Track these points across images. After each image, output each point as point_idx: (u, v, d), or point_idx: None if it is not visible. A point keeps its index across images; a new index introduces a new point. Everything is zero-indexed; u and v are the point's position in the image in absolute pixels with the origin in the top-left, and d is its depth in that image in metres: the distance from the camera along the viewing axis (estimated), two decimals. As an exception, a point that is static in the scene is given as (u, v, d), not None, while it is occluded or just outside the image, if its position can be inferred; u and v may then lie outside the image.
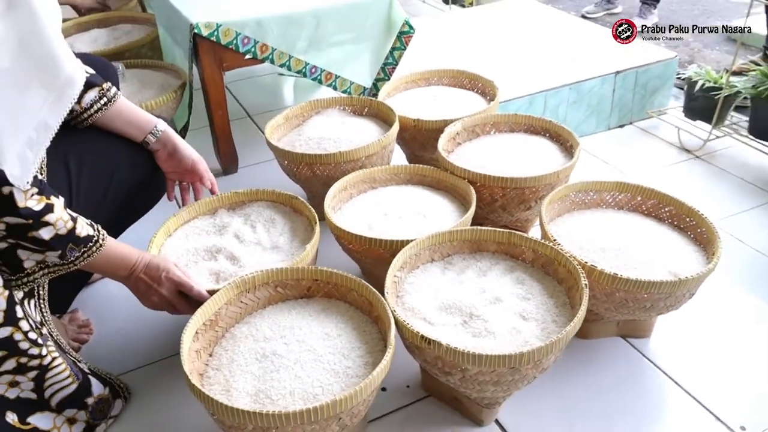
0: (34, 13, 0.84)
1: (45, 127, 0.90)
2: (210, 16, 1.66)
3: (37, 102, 0.88)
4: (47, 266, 1.00)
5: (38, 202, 0.92)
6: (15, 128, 0.85)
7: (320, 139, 1.59)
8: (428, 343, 0.98)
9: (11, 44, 0.82)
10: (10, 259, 0.96)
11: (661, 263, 1.19)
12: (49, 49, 0.87)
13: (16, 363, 0.98)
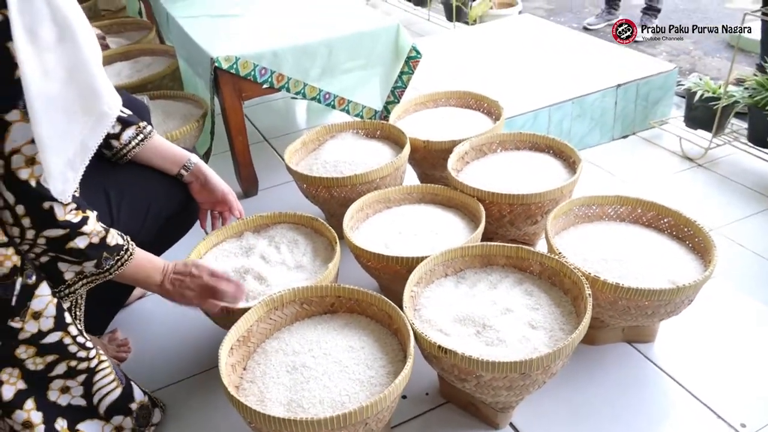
0: (79, 48, 0.93)
1: (84, 149, 0.99)
2: (229, 49, 1.77)
3: (78, 126, 0.96)
4: (85, 276, 1.08)
5: (75, 215, 1.01)
6: (60, 149, 0.94)
7: (336, 162, 1.69)
8: (445, 352, 1.07)
9: (60, 74, 0.91)
10: (52, 272, 1.05)
11: (661, 272, 1.27)
12: (91, 79, 0.96)
13: (66, 366, 1.07)
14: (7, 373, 1.03)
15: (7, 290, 0.99)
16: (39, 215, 0.96)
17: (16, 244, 0.99)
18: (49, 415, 1.08)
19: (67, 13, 0.91)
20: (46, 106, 0.90)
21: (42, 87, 0.89)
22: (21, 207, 0.95)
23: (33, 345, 1.04)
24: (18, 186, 0.93)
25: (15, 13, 0.85)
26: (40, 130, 0.90)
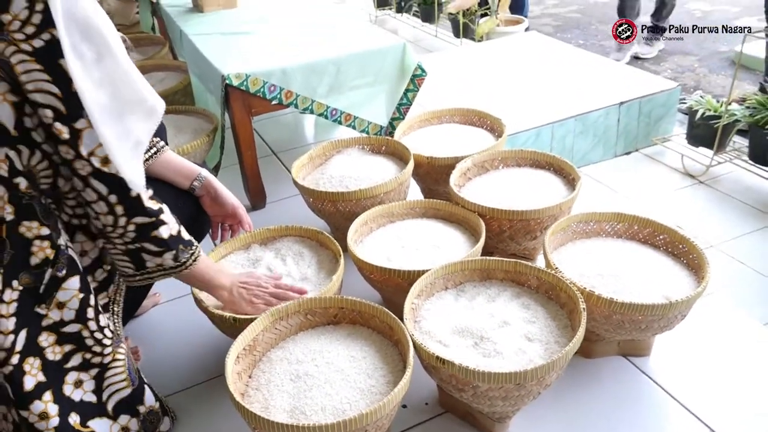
0: (118, 62, 1.02)
1: (139, 144, 1.08)
2: (239, 67, 1.83)
3: (131, 126, 1.05)
4: (164, 269, 1.18)
5: (154, 203, 1.12)
6: (121, 147, 1.04)
7: (342, 177, 1.74)
8: (443, 362, 1.11)
9: (107, 86, 1.00)
10: (136, 259, 1.15)
11: (656, 287, 1.31)
12: (134, 86, 1.05)
13: (81, 358, 1.13)
14: (29, 363, 1.09)
15: (38, 278, 1.07)
16: (129, 202, 1.08)
17: (100, 231, 1.12)
18: (63, 409, 1.13)
19: (104, 31, 0.99)
20: (101, 113, 1.00)
21: (95, 97, 0.99)
22: (114, 196, 1.07)
23: (54, 332, 1.11)
24: (107, 178, 1.05)
25: (63, 33, 0.94)
26: (102, 134, 1.00)
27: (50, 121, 0.99)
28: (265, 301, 1.31)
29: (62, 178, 1.10)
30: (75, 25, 0.95)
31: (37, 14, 0.93)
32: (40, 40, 0.94)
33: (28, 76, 0.96)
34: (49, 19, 0.93)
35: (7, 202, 1.03)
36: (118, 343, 1.20)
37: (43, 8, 0.93)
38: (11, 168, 1.02)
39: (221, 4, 2.41)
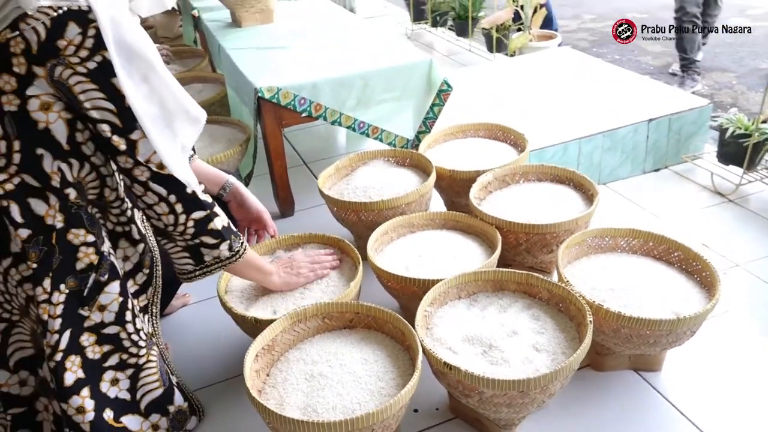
0: (162, 78, 1.10)
1: (184, 148, 1.17)
2: (271, 81, 1.92)
3: (178, 133, 1.14)
4: (221, 260, 1.28)
5: (207, 197, 1.23)
6: (172, 152, 1.13)
7: (366, 188, 1.80)
8: (450, 368, 1.15)
9: (155, 99, 1.09)
10: (194, 255, 1.25)
11: (666, 303, 1.33)
12: (178, 98, 1.13)
13: (118, 358, 1.22)
14: (71, 360, 1.17)
15: (82, 282, 1.16)
16: (186, 199, 1.19)
17: (162, 231, 1.22)
18: (99, 405, 1.21)
19: (147, 51, 1.07)
20: (152, 124, 1.09)
21: (146, 110, 1.08)
22: (173, 196, 1.17)
23: (94, 333, 1.19)
24: (165, 180, 1.15)
25: (114, 55, 1.03)
26: (155, 142, 1.09)
27: (108, 135, 1.08)
28: (310, 269, 1.47)
29: (108, 188, 1.19)
30: (122, 47, 1.04)
31: (89, 39, 1.02)
32: (93, 62, 1.03)
33: (86, 96, 1.05)
34: (101, 42, 1.02)
35: (58, 211, 1.12)
36: (152, 345, 1.28)
37: (94, 33, 1.02)
38: (62, 179, 1.11)
39: (258, 19, 2.51)
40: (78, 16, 1.01)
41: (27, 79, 1.04)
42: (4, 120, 1.06)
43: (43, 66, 1.03)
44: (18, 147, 1.08)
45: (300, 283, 1.46)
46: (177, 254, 1.26)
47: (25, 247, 1.12)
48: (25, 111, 1.06)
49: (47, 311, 1.15)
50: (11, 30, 1.02)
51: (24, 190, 1.10)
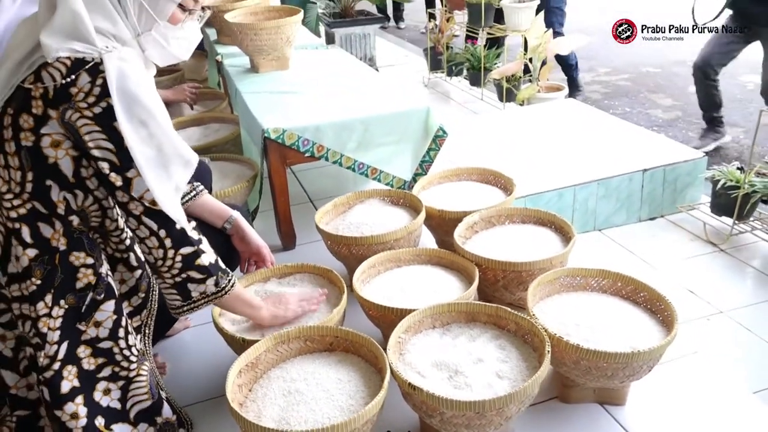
0: (160, 124, 1.24)
1: (177, 188, 1.30)
2: (278, 122, 2.08)
3: (171, 174, 1.27)
4: (207, 296, 1.37)
5: (195, 233, 1.33)
6: (165, 190, 1.26)
7: (359, 224, 1.93)
8: (414, 389, 1.25)
9: (153, 143, 1.23)
10: (183, 291, 1.34)
11: (626, 339, 1.41)
12: (173, 143, 1.27)
13: (111, 371, 1.33)
14: (68, 370, 1.29)
15: (81, 300, 1.29)
16: (175, 235, 1.29)
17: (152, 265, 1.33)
18: (91, 412, 1.32)
19: (148, 100, 1.22)
20: (147, 164, 1.22)
21: (142, 152, 1.22)
22: (163, 231, 1.28)
23: (90, 346, 1.31)
24: (156, 215, 1.26)
25: (116, 102, 1.18)
26: (149, 181, 1.22)
27: (107, 172, 1.22)
28: (298, 304, 1.55)
29: (109, 219, 1.32)
30: (125, 95, 1.19)
31: (97, 87, 1.17)
32: (98, 107, 1.18)
33: (90, 136, 1.19)
34: (106, 91, 1.17)
35: (62, 235, 1.26)
36: (143, 361, 1.39)
37: (102, 83, 1.17)
38: (67, 208, 1.26)
39: (275, 66, 2.70)
40: (90, 67, 1.17)
41: (42, 119, 1.19)
42: (21, 153, 1.22)
43: (56, 109, 1.18)
44: (31, 177, 1.23)
45: (288, 318, 1.53)
46: (166, 290, 1.36)
47: (31, 264, 1.25)
48: (38, 147, 1.21)
49: (47, 324, 1.27)
50: (34, 76, 1.18)
51: (34, 214, 1.24)
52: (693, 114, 4.50)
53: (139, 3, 1.24)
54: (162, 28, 1.29)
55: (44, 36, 1.17)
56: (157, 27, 1.28)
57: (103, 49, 1.19)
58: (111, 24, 1.22)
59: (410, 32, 7.61)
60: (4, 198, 1.24)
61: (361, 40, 4.69)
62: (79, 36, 1.18)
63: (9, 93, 1.23)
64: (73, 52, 1.17)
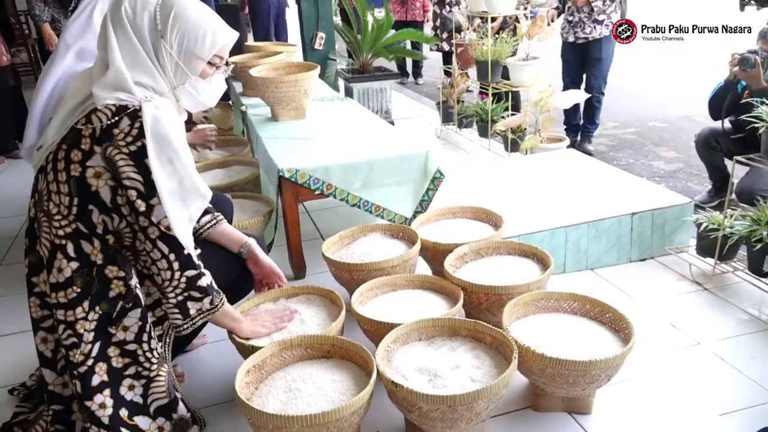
0: (183, 163, 1.49)
1: (191, 219, 1.53)
2: (291, 163, 2.34)
3: (188, 205, 1.51)
4: (203, 312, 1.58)
5: (198, 260, 1.55)
6: (180, 218, 1.49)
7: (361, 253, 2.15)
8: (396, 386, 1.45)
9: (175, 178, 1.48)
10: (183, 309, 1.55)
11: (588, 352, 1.59)
12: (193, 179, 1.51)
13: (135, 370, 1.55)
14: (99, 366, 1.52)
15: (112, 307, 1.52)
16: (183, 259, 1.51)
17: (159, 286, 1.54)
18: (117, 404, 1.54)
19: (175, 143, 1.48)
20: (168, 195, 1.47)
21: (166, 185, 1.46)
22: (173, 255, 1.49)
23: (118, 347, 1.53)
24: (169, 240, 1.48)
25: (149, 142, 1.44)
26: (168, 209, 1.46)
27: (134, 198, 1.46)
28: (272, 321, 1.77)
29: (138, 240, 1.54)
30: (157, 137, 1.44)
31: (135, 129, 1.43)
32: (134, 146, 1.43)
33: (124, 168, 1.44)
34: (142, 132, 1.43)
35: (99, 251, 1.50)
36: (163, 364, 1.61)
37: (139, 126, 1.43)
38: (105, 228, 1.50)
39: (293, 115, 2.99)
40: (130, 113, 1.44)
41: (89, 154, 1.45)
42: (70, 182, 1.47)
43: (100, 145, 1.44)
44: (76, 202, 1.48)
45: (263, 333, 1.74)
46: (169, 309, 1.56)
47: (73, 275, 1.49)
48: (84, 177, 1.46)
49: (83, 326, 1.50)
50: (85, 119, 1.45)
51: (77, 233, 1.49)
52: (694, 166, 4.70)
53: (175, 62, 1.51)
54: (194, 81, 1.56)
55: (96, 88, 1.45)
56: (190, 81, 1.55)
57: (142, 99, 1.46)
58: (152, 79, 1.49)
59: (428, 87, 7.99)
60: (54, 218, 1.49)
61: (378, 94, 5.00)
62: (123, 88, 1.45)
63: (64, 132, 1.49)
64: (118, 100, 1.44)
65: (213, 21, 1.55)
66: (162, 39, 1.48)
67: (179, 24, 1.49)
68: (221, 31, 1.55)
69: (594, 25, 4.58)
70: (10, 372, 2.03)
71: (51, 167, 1.49)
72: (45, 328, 1.61)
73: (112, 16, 1.48)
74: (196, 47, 1.51)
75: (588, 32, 4.61)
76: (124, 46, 1.46)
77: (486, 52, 4.24)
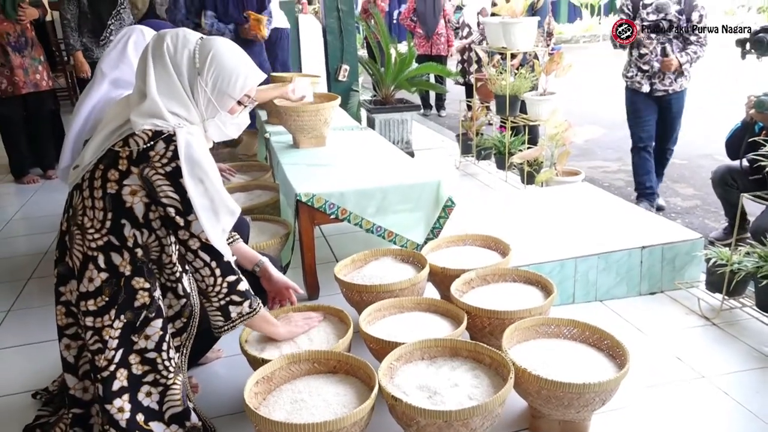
0: (213, 183, 1.62)
1: (224, 230, 1.66)
2: (308, 188, 2.45)
3: (220, 219, 1.63)
4: (242, 316, 1.69)
5: (236, 267, 1.68)
6: (215, 231, 1.62)
7: (372, 276, 2.24)
8: (395, 400, 1.52)
9: (207, 196, 1.60)
10: (225, 313, 1.67)
11: (584, 376, 1.65)
12: (223, 197, 1.64)
13: (153, 378, 1.64)
14: (120, 372, 1.62)
15: (136, 316, 1.62)
16: (224, 266, 1.64)
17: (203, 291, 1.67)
18: (134, 409, 1.63)
19: (205, 164, 1.60)
20: (203, 211, 1.59)
21: (201, 202, 1.59)
22: (214, 262, 1.63)
23: (139, 355, 1.63)
24: (210, 250, 1.62)
25: (183, 164, 1.56)
26: (204, 223, 1.59)
27: (173, 215, 1.58)
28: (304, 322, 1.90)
29: (165, 254, 1.66)
30: (189, 159, 1.57)
31: (170, 152, 1.56)
32: (170, 167, 1.56)
33: (161, 188, 1.57)
34: (176, 155, 1.56)
35: (128, 263, 1.62)
36: (178, 373, 1.70)
37: (173, 149, 1.56)
38: (135, 242, 1.62)
39: (313, 143, 3.11)
40: (165, 137, 1.56)
41: (125, 174, 1.58)
42: (105, 199, 1.59)
43: (137, 166, 1.57)
44: (110, 217, 1.60)
45: (298, 333, 1.87)
46: (212, 312, 1.69)
47: (102, 285, 1.61)
48: (119, 194, 1.58)
49: (109, 333, 1.61)
50: (123, 142, 1.58)
51: (109, 246, 1.61)
52: (711, 203, 4.71)
53: (207, 97, 1.64)
54: (222, 116, 1.69)
55: (133, 115, 1.58)
56: (219, 115, 1.69)
57: (176, 125, 1.58)
58: (185, 110, 1.63)
59: (450, 120, 8.12)
60: (87, 231, 1.61)
61: (399, 125, 5.14)
62: (158, 116, 1.58)
63: (101, 154, 1.62)
64: (154, 126, 1.57)
65: (246, 65, 1.69)
66: (199, 76, 1.62)
67: (216, 65, 1.63)
68: (252, 75, 1.70)
69: (673, 77, 4.07)
70: (35, 377, 2.14)
71: (87, 185, 1.62)
72: (69, 335, 1.72)
73: (154, 51, 1.62)
74: (229, 87, 1.65)
75: (668, 84, 4.09)
76: (162, 78, 1.60)
77: (505, 86, 4.35)
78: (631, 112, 4.32)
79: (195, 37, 1.65)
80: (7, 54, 4.47)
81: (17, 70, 4.51)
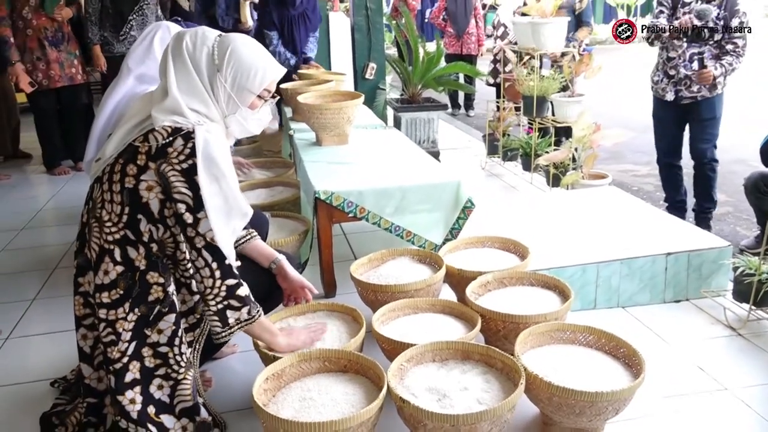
0: (228, 183, 1.62)
1: (234, 232, 1.66)
2: (327, 186, 2.45)
3: (231, 220, 1.63)
4: (240, 322, 1.67)
5: (237, 272, 1.66)
6: (223, 231, 1.61)
7: (388, 276, 2.23)
8: (403, 402, 1.51)
9: (221, 196, 1.60)
10: (223, 318, 1.65)
11: (597, 384, 1.62)
12: (236, 198, 1.64)
13: (165, 371, 1.66)
14: (133, 364, 1.64)
15: (150, 310, 1.64)
16: (225, 268, 1.62)
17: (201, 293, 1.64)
18: (145, 401, 1.65)
19: (222, 164, 1.60)
20: (215, 211, 1.60)
21: (213, 201, 1.60)
22: (215, 263, 1.61)
23: (152, 348, 1.65)
24: (213, 250, 1.60)
25: (200, 161, 1.57)
26: (213, 223, 1.58)
27: (183, 211, 1.59)
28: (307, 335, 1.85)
29: (179, 250, 1.66)
30: (206, 157, 1.58)
31: (187, 149, 1.57)
32: (186, 164, 1.57)
33: (175, 184, 1.57)
34: (194, 152, 1.57)
35: (143, 258, 1.63)
36: (189, 369, 1.71)
37: (191, 146, 1.57)
38: (150, 237, 1.63)
39: (336, 141, 3.12)
40: (184, 134, 1.58)
41: (143, 169, 1.59)
42: (123, 193, 1.61)
43: (155, 162, 1.58)
44: (127, 211, 1.61)
45: (299, 346, 1.80)
46: (210, 317, 1.66)
47: (118, 278, 1.62)
48: (137, 189, 1.60)
49: (123, 326, 1.63)
50: (143, 138, 1.60)
51: (125, 240, 1.62)
52: (744, 210, 4.59)
53: (228, 93, 1.65)
54: (243, 112, 1.70)
55: (155, 111, 1.60)
56: (240, 111, 1.70)
57: (196, 123, 1.59)
58: (205, 107, 1.64)
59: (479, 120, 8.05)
60: (105, 225, 1.63)
61: (426, 125, 5.11)
62: (179, 113, 1.59)
63: (122, 148, 1.64)
64: (174, 123, 1.58)
65: (265, 59, 1.69)
66: (218, 72, 1.63)
67: (234, 60, 1.64)
68: (271, 69, 1.70)
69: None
70: (55, 366, 2.18)
71: (107, 178, 1.64)
72: (86, 325, 1.74)
73: (174, 49, 1.64)
74: (248, 82, 1.66)
75: (696, 90, 3.73)
76: (182, 75, 1.62)
77: (532, 87, 4.30)
78: (656, 123, 4.11)
79: (213, 35, 1.66)
80: (44, 48, 4.58)
81: (53, 64, 4.62)
